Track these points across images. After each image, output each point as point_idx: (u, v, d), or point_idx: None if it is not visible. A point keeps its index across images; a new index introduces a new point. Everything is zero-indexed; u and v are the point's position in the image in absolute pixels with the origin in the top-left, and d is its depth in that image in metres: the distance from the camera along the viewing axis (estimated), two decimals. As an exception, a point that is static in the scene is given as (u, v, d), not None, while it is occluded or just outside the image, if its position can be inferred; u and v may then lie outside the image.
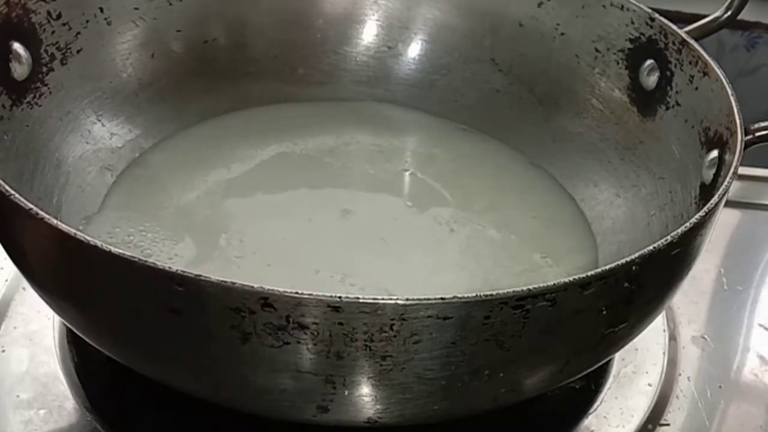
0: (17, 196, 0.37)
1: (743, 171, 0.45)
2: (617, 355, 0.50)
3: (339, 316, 0.34)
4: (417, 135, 0.61)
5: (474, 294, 0.35)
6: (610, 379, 0.49)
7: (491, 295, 0.35)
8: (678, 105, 0.52)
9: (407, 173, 0.58)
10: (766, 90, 0.86)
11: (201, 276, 0.34)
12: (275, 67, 0.62)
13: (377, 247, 0.52)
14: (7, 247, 0.42)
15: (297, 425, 0.40)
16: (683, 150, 0.50)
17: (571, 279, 0.36)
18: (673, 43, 0.52)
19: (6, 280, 0.52)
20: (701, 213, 0.40)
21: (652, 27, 0.54)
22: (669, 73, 0.52)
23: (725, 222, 0.61)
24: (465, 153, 0.60)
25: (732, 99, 0.47)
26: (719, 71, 0.49)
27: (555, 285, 0.36)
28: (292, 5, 0.62)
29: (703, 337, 0.53)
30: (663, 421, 0.48)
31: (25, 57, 0.50)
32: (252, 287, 0.34)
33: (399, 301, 0.34)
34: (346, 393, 0.37)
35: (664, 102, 0.53)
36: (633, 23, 0.54)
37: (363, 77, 0.63)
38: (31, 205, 0.37)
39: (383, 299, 0.34)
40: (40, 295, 0.42)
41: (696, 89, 0.50)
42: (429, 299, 0.34)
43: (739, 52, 0.87)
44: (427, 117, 0.62)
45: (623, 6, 0.55)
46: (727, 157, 0.45)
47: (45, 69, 0.51)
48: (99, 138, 0.54)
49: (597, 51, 0.57)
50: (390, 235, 0.52)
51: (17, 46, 0.49)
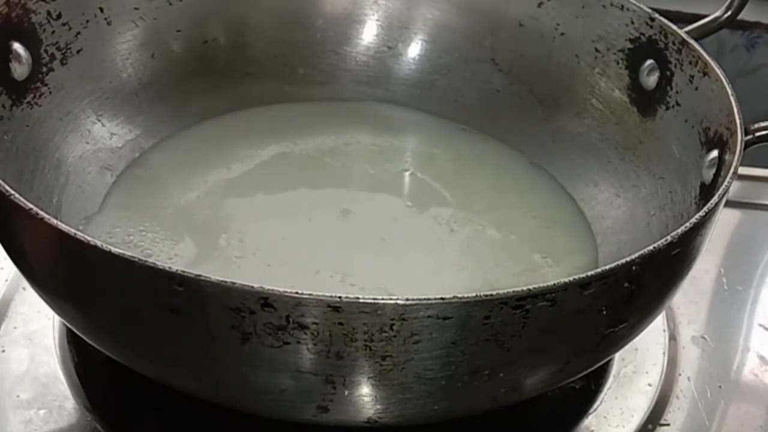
0: (17, 196, 0.37)
1: (743, 171, 0.45)
2: (617, 355, 0.50)
3: (339, 316, 0.34)
4: (417, 135, 0.61)
5: (474, 294, 0.35)
6: (610, 379, 0.49)
7: (491, 295, 0.35)
8: (678, 105, 0.52)
9: (407, 173, 0.58)
10: (766, 90, 0.86)
11: (201, 276, 0.34)
12: (275, 67, 0.62)
13: (377, 247, 0.52)
14: (7, 247, 0.42)
15: (297, 425, 0.40)
16: (683, 150, 0.50)
17: (571, 279, 0.36)
18: (673, 43, 0.52)
19: (6, 280, 0.52)
20: (701, 213, 0.40)
21: (652, 27, 0.53)
22: (669, 73, 0.52)
23: (725, 222, 0.61)
24: (465, 153, 0.60)
25: (732, 99, 0.47)
26: (719, 71, 0.49)
27: (555, 285, 0.36)
28: (292, 5, 0.62)
29: (703, 337, 0.53)
30: (663, 421, 0.48)
31: (25, 57, 0.50)
32: (252, 287, 0.34)
33: (399, 301, 0.34)
34: (346, 393, 0.37)
35: (664, 102, 0.53)
36: (633, 23, 0.54)
37: (363, 77, 0.63)
38: (31, 205, 0.37)
39: (383, 299, 0.34)
40: (40, 295, 0.42)
41: (696, 89, 0.50)
42: (429, 299, 0.34)
43: (739, 52, 0.87)
44: (427, 117, 0.62)
45: (623, 6, 0.55)
46: (727, 157, 0.45)
47: (45, 69, 0.51)
48: (99, 138, 0.54)
49: (597, 51, 0.57)
50: (390, 235, 0.52)
51: (17, 46, 0.49)
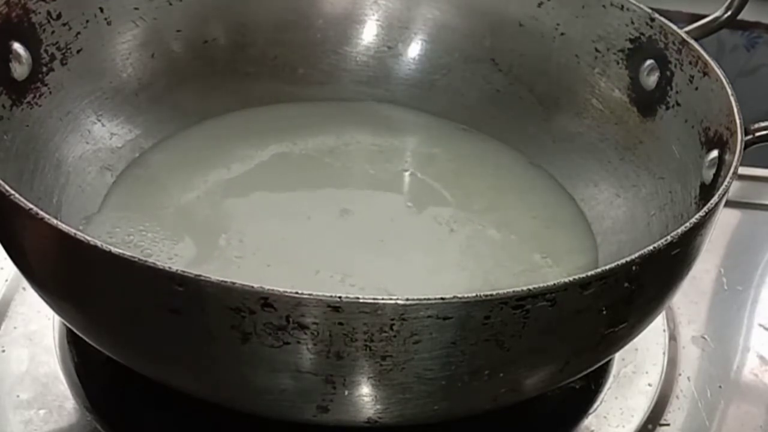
0: (17, 196, 0.37)
1: (743, 171, 0.45)
2: (617, 355, 0.50)
3: (339, 316, 0.34)
4: (417, 135, 0.61)
5: (474, 294, 0.35)
6: (610, 379, 0.49)
7: (491, 295, 0.35)
8: (678, 105, 0.52)
9: (407, 173, 0.58)
10: (766, 90, 0.86)
11: (201, 276, 0.34)
12: (275, 67, 0.62)
13: (377, 247, 0.52)
14: (7, 247, 0.42)
15: (297, 425, 0.40)
16: (683, 150, 0.50)
17: (571, 279, 0.36)
18: (673, 43, 0.52)
19: (6, 280, 0.52)
20: (701, 213, 0.40)
21: (652, 27, 0.53)
22: (669, 73, 0.52)
23: (725, 222, 0.61)
24: (465, 153, 0.60)
25: (732, 99, 0.47)
26: (719, 71, 0.49)
27: (555, 285, 0.36)
28: (292, 5, 0.62)
29: (703, 337, 0.53)
30: (663, 421, 0.48)
31: (25, 57, 0.50)
32: (252, 287, 0.34)
33: (399, 301, 0.34)
34: (346, 393, 0.37)
35: (664, 102, 0.53)
36: (633, 23, 0.54)
37: (363, 77, 0.63)
38: (31, 205, 0.37)
39: (383, 299, 0.34)
40: (40, 295, 0.42)
41: (696, 89, 0.50)
42: (429, 299, 0.34)
43: (739, 52, 0.87)
44: (427, 117, 0.62)
45: (623, 6, 0.55)
46: (727, 157, 0.45)
47: (45, 69, 0.51)
48: (99, 138, 0.54)
49: (597, 51, 0.57)
50: (390, 235, 0.52)
51: (17, 46, 0.49)
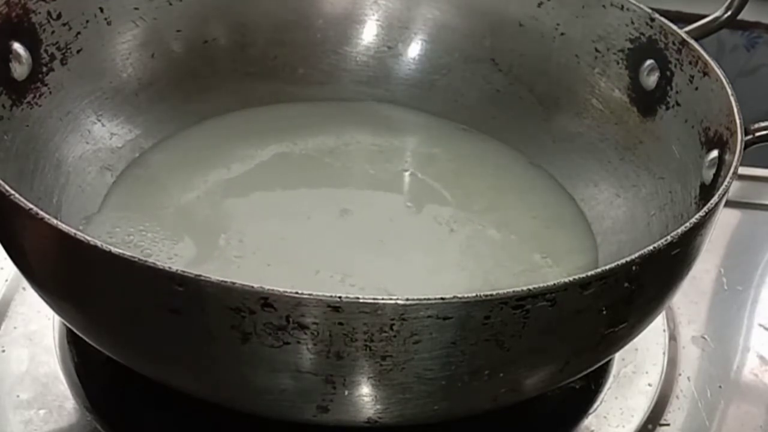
0: (17, 196, 0.37)
1: (743, 171, 0.45)
2: (617, 355, 0.50)
3: (339, 316, 0.34)
4: (417, 135, 0.61)
5: (474, 294, 0.35)
6: (610, 379, 0.49)
7: (491, 295, 0.35)
8: (678, 105, 0.52)
9: (407, 173, 0.58)
10: (766, 90, 0.86)
11: (201, 276, 0.34)
12: (275, 67, 0.62)
13: (377, 247, 0.52)
14: (7, 247, 0.42)
15: (297, 425, 0.40)
16: (683, 150, 0.50)
17: (571, 279, 0.36)
18: (673, 43, 0.52)
19: (6, 280, 0.52)
20: (701, 213, 0.40)
21: (652, 27, 0.53)
22: (669, 73, 0.52)
23: (725, 222, 0.61)
24: (465, 153, 0.60)
25: (732, 99, 0.47)
26: (719, 71, 0.49)
27: (555, 285, 0.36)
28: (292, 5, 0.62)
29: (703, 337, 0.53)
30: (663, 421, 0.48)
31: (25, 57, 0.50)
32: (252, 287, 0.34)
33: (399, 301, 0.34)
34: (346, 393, 0.37)
35: (664, 102, 0.53)
36: (633, 23, 0.54)
37: (363, 77, 0.63)
38: (31, 205, 0.37)
39: (383, 299, 0.34)
40: (40, 295, 0.42)
41: (696, 89, 0.50)
42: (429, 299, 0.34)
43: (739, 52, 0.87)
44: (427, 117, 0.62)
45: (623, 6, 0.55)
46: (727, 157, 0.45)
47: (45, 69, 0.51)
48: (99, 138, 0.54)
49: (597, 51, 0.57)
50: (390, 235, 0.52)
51: (17, 46, 0.49)
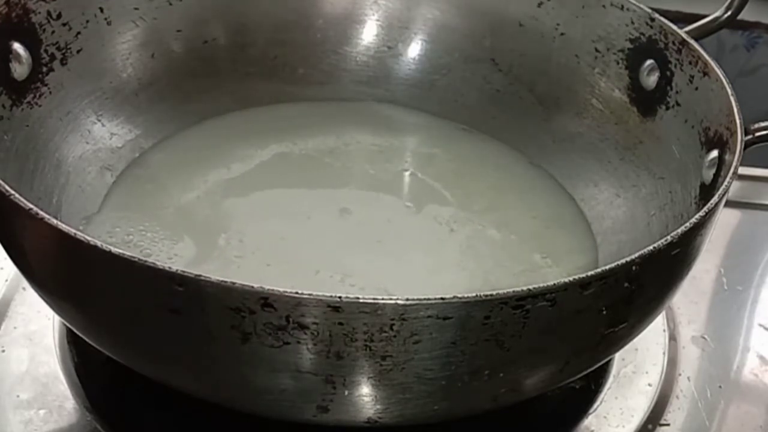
0: (17, 196, 0.37)
1: (743, 171, 0.45)
2: (617, 355, 0.50)
3: (339, 316, 0.34)
4: (417, 135, 0.61)
5: (474, 294, 0.35)
6: (610, 379, 0.49)
7: (491, 295, 0.35)
8: (678, 105, 0.52)
9: (407, 173, 0.58)
10: (766, 90, 0.86)
11: (201, 276, 0.34)
12: (275, 67, 0.62)
13: (377, 247, 0.52)
14: (7, 247, 0.42)
15: (297, 425, 0.40)
16: (683, 150, 0.50)
17: (571, 279, 0.36)
18: (673, 43, 0.52)
19: (6, 280, 0.52)
20: (701, 213, 0.40)
21: (652, 27, 0.53)
22: (669, 73, 0.52)
23: (725, 222, 0.61)
24: (465, 153, 0.60)
25: (732, 99, 0.47)
26: (719, 71, 0.49)
27: (555, 285, 0.36)
28: (292, 5, 0.62)
29: (703, 337, 0.53)
30: (663, 421, 0.48)
31: (25, 57, 0.50)
32: (252, 287, 0.34)
33: (399, 301, 0.34)
34: (346, 393, 0.37)
35: (664, 102, 0.53)
36: (633, 23, 0.54)
37: (363, 77, 0.63)
38: (31, 205, 0.37)
39: (383, 299, 0.34)
40: (40, 295, 0.42)
41: (696, 89, 0.50)
42: (429, 299, 0.34)
43: (739, 52, 0.87)
44: (427, 117, 0.62)
45: (623, 6, 0.55)
46: (727, 157, 0.45)
47: (45, 69, 0.51)
48: (99, 138, 0.54)
49: (597, 51, 0.57)
50: (390, 235, 0.52)
51: (17, 46, 0.49)
